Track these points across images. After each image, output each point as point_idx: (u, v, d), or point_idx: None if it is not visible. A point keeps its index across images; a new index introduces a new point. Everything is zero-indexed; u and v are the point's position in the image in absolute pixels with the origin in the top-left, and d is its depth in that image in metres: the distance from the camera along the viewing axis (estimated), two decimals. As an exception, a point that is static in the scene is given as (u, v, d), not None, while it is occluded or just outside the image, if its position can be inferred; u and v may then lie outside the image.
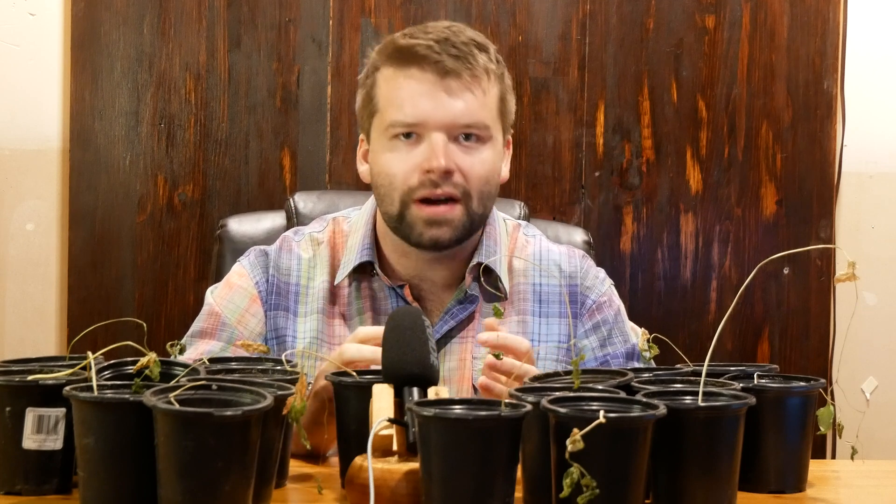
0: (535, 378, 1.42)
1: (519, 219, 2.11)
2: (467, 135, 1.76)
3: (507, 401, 1.20)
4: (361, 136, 1.86)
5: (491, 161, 1.79)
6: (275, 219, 2.20)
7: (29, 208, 2.75)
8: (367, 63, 1.84)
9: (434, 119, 1.75)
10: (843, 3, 2.80)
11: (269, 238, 1.95)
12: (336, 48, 2.73)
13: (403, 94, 1.76)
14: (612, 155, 2.78)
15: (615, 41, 2.77)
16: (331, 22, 2.73)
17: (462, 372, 1.80)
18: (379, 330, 1.48)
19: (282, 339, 1.82)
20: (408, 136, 1.76)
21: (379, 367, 1.35)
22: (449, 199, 1.75)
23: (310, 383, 1.70)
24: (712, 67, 2.78)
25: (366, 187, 1.87)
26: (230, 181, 2.73)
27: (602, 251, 2.71)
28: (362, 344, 1.56)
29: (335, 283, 1.83)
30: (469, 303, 1.81)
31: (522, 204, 2.26)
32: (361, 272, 1.83)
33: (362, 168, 1.86)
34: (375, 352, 1.50)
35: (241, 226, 2.19)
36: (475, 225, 1.79)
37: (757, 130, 2.79)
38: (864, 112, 2.84)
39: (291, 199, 2.20)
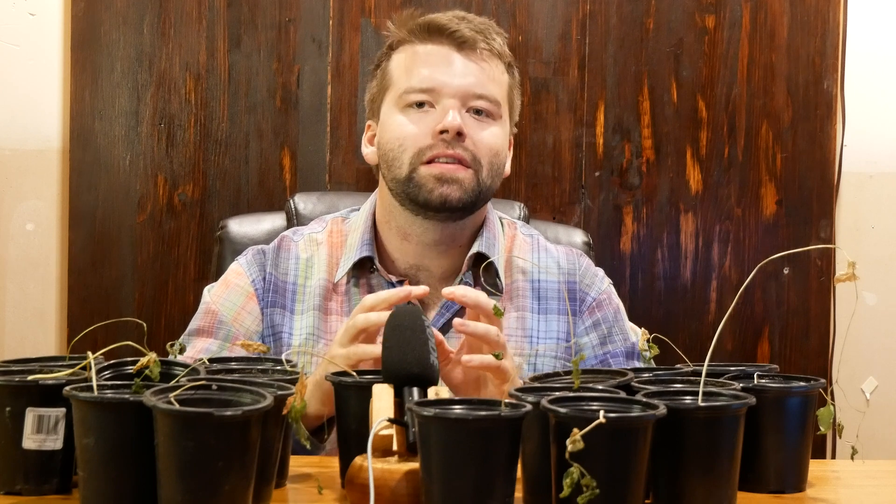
0: (535, 378, 1.42)
1: (519, 219, 2.11)
2: (478, 110, 1.79)
3: (507, 401, 1.20)
4: (369, 123, 1.88)
5: (501, 137, 1.81)
6: (275, 220, 2.20)
7: (29, 208, 2.75)
8: (384, 43, 1.86)
9: (449, 86, 1.77)
10: (843, 3, 2.80)
11: (269, 239, 1.95)
12: (336, 48, 2.73)
13: (420, 62, 1.80)
14: (612, 155, 2.78)
15: (615, 41, 2.77)
16: (331, 22, 2.73)
17: None
18: (384, 294, 1.53)
19: (278, 336, 1.83)
20: (420, 105, 1.78)
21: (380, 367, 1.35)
22: (459, 162, 1.76)
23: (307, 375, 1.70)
24: (712, 67, 2.78)
25: (365, 187, 1.88)
26: (230, 181, 2.73)
27: (602, 251, 2.71)
28: (370, 312, 1.57)
29: (335, 280, 1.84)
30: None
31: (522, 205, 2.26)
32: (360, 269, 1.84)
33: (367, 150, 1.87)
34: (382, 316, 1.51)
35: (241, 227, 2.19)
36: (482, 195, 1.80)
37: (757, 130, 2.79)
38: (864, 112, 2.84)
39: (291, 201, 2.20)
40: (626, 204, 2.78)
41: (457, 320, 1.56)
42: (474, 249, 1.83)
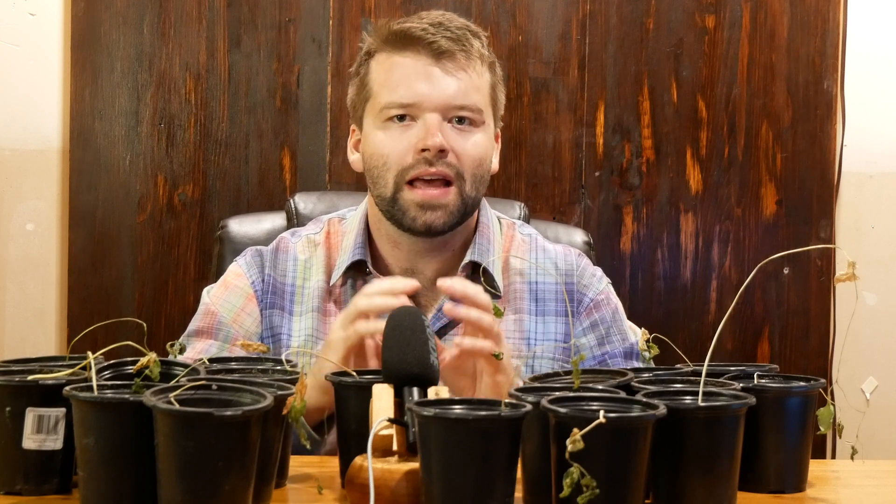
0: (535, 378, 1.42)
1: (519, 219, 2.11)
2: (460, 118, 1.77)
3: (507, 401, 1.20)
4: (353, 127, 1.87)
5: (484, 145, 1.80)
6: (275, 220, 2.20)
7: (29, 208, 2.75)
8: (360, 50, 1.85)
9: (429, 99, 1.75)
10: (843, 3, 2.80)
11: (270, 239, 1.95)
12: (336, 48, 2.73)
13: (398, 75, 1.77)
14: (612, 155, 2.78)
15: (615, 41, 2.77)
16: (331, 22, 2.73)
17: None
18: (387, 282, 1.57)
19: (277, 338, 1.83)
20: (402, 118, 1.77)
21: (380, 367, 1.35)
22: (442, 180, 1.75)
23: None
24: (712, 67, 2.78)
25: (365, 187, 1.87)
26: (230, 181, 2.73)
27: (602, 251, 2.71)
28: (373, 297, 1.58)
29: (331, 283, 1.84)
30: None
31: (522, 204, 2.26)
32: (356, 271, 1.84)
33: (353, 157, 1.87)
34: (386, 301, 1.55)
35: (241, 226, 2.19)
36: (468, 209, 1.79)
37: (757, 130, 2.79)
38: (864, 112, 2.84)
39: (291, 200, 2.20)
40: (626, 204, 2.78)
41: (447, 304, 1.56)
42: (467, 259, 1.82)
